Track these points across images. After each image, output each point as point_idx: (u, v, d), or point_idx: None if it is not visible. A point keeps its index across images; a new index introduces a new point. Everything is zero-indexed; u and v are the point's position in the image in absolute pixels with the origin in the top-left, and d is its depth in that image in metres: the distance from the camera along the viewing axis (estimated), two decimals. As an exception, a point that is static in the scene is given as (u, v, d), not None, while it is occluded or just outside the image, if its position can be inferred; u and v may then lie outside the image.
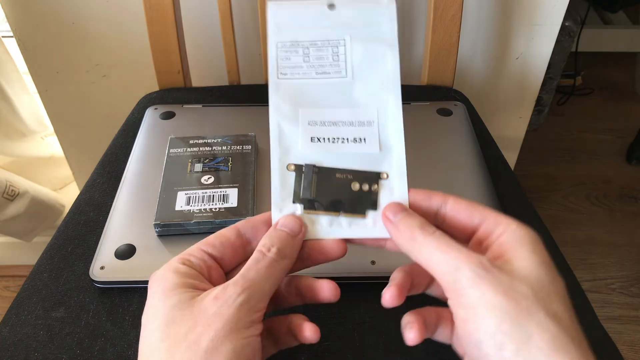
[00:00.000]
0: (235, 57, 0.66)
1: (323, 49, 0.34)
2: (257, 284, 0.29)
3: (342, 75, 0.34)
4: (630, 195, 1.27)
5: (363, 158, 0.33)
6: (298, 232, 0.31)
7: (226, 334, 0.27)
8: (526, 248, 0.28)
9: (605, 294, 1.06)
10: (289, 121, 0.33)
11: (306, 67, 0.34)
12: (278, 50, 0.34)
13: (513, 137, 0.91)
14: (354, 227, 0.32)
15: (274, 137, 0.33)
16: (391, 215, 0.31)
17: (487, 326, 0.25)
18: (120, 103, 0.75)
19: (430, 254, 0.28)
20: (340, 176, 0.33)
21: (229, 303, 0.28)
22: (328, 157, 0.33)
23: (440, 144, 0.54)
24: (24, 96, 0.89)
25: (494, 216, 0.30)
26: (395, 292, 0.30)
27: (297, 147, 0.33)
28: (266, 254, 0.30)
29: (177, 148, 0.51)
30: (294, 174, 0.33)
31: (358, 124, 0.33)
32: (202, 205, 0.45)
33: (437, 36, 0.63)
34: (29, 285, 0.43)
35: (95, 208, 0.50)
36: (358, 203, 0.32)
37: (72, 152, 0.92)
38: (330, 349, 0.38)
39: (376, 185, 0.33)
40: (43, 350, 0.38)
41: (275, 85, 0.34)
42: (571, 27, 1.18)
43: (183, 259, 0.30)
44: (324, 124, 0.33)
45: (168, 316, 0.28)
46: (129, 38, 0.76)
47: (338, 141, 0.33)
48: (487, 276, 0.26)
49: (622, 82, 1.62)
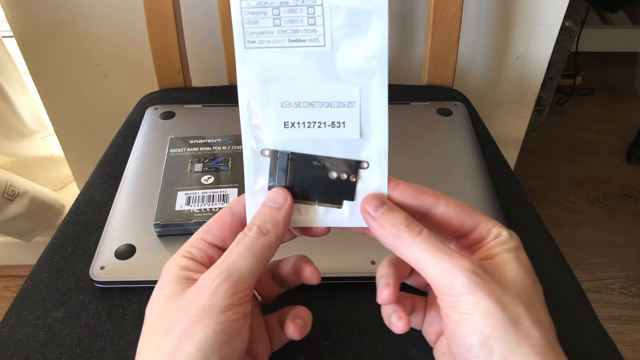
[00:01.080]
0: (235, 57, 0.66)
1: (296, 10, 0.29)
2: (234, 266, 0.28)
3: (320, 43, 0.29)
4: (630, 195, 1.27)
5: (341, 145, 0.30)
6: (283, 203, 0.30)
7: (198, 320, 0.27)
8: (512, 254, 0.29)
9: (605, 294, 1.06)
10: (260, 100, 0.30)
11: (277, 33, 0.29)
12: (242, 12, 0.29)
13: (513, 137, 0.91)
14: (329, 216, 0.31)
15: (244, 118, 0.30)
16: (372, 210, 0.30)
17: (480, 332, 0.26)
18: (120, 103, 0.75)
19: (420, 255, 0.28)
20: (317, 164, 0.31)
21: (204, 289, 0.28)
22: (303, 144, 0.31)
23: (440, 144, 0.54)
24: (24, 96, 0.89)
25: (485, 222, 0.30)
26: (392, 291, 0.31)
27: (270, 131, 0.30)
28: (247, 234, 0.30)
29: (177, 148, 0.51)
30: (268, 159, 0.31)
31: (337, 104, 0.30)
32: (202, 205, 0.45)
33: (437, 36, 0.63)
34: (29, 285, 0.43)
35: (95, 208, 0.50)
36: (335, 192, 0.31)
37: (72, 152, 0.92)
38: (330, 349, 0.38)
39: (355, 175, 0.31)
40: (43, 350, 0.38)
41: (242, 56, 0.30)
42: (571, 27, 1.18)
43: (185, 251, 0.31)
44: (298, 105, 0.30)
45: (159, 306, 0.29)
46: (129, 38, 0.76)
47: (314, 125, 0.30)
48: (482, 284, 0.26)
49: (622, 82, 1.62)
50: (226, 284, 0.28)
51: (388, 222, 0.29)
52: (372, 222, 0.30)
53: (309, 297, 0.37)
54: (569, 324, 0.40)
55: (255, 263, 0.29)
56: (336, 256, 0.42)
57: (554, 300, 0.42)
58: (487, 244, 0.30)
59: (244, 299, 0.28)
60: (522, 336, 0.26)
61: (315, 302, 0.40)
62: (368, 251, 0.42)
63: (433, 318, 0.34)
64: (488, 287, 0.26)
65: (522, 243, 0.29)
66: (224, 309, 0.27)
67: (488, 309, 0.26)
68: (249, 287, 0.29)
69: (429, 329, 0.34)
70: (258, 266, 0.29)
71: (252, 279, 0.29)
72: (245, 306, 0.28)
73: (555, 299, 0.42)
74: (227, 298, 0.27)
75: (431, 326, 0.34)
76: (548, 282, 0.44)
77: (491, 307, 0.26)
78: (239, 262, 0.28)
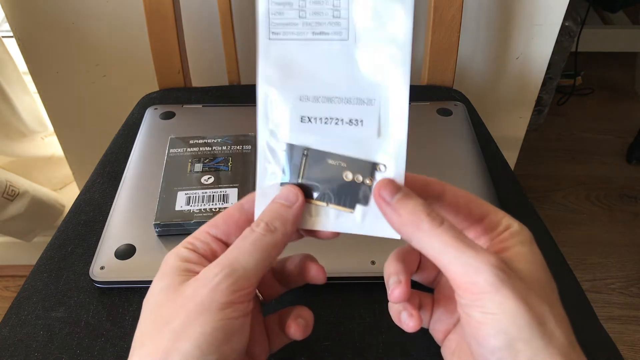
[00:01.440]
0: (235, 57, 0.66)
1: (321, 2, 0.29)
2: (238, 262, 0.27)
3: (343, 37, 0.29)
4: (630, 195, 1.27)
5: (358, 143, 0.29)
6: (294, 201, 0.29)
7: (197, 316, 0.26)
8: (527, 248, 0.28)
9: (605, 294, 1.06)
10: (279, 92, 0.30)
11: (301, 25, 0.29)
12: (270, 2, 0.29)
13: (513, 137, 0.91)
14: (340, 220, 0.30)
15: (262, 111, 0.30)
16: (387, 196, 0.28)
17: (505, 334, 0.25)
18: (120, 103, 0.75)
19: (443, 249, 0.26)
20: (333, 162, 0.30)
21: (205, 283, 0.27)
22: (319, 140, 0.30)
23: (440, 144, 0.54)
24: (24, 96, 0.89)
25: (494, 212, 0.29)
26: (404, 288, 0.29)
27: (286, 125, 0.30)
28: (254, 230, 0.28)
29: (177, 148, 0.51)
30: (283, 154, 0.30)
31: (356, 101, 0.29)
32: (202, 205, 0.45)
33: (437, 36, 0.63)
34: (29, 285, 0.43)
35: (95, 208, 0.50)
36: (348, 195, 0.29)
37: (72, 152, 0.92)
38: (330, 349, 0.38)
39: (371, 178, 0.29)
40: (43, 351, 0.38)
41: (266, 48, 0.29)
42: (571, 27, 1.18)
43: (188, 242, 0.30)
44: (317, 99, 0.29)
45: (156, 300, 0.28)
46: (129, 38, 0.76)
47: (332, 122, 0.29)
48: (508, 281, 0.25)
49: (622, 82, 1.62)
50: (228, 280, 0.27)
51: (406, 209, 0.27)
52: (387, 209, 0.28)
53: (309, 297, 0.37)
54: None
55: (261, 260, 0.28)
56: (336, 256, 0.42)
57: (554, 300, 0.42)
58: (499, 236, 0.28)
59: (246, 297, 0.27)
60: (548, 338, 0.25)
61: (316, 302, 0.40)
62: (368, 251, 0.42)
63: (441, 315, 0.33)
64: (513, 285, 0.25)
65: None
66: (224, 306, 0.26)
67: (514, 309, 0.24)
68: (252, 285, 0.27)
69: (437, 327, 0.33)
70: (263, 264, 0.28)
71: (256, 277, 0.28)
72: (246, 304, 0.27)
73: (555, 299, 0.42)
74: (228, 295, 0.26)
75: (439, 324, 0.33)
76: (548, 282, 0.44)
77: (517, 306, 0.24)
78: (243, 259, 0.27)
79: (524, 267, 0.27)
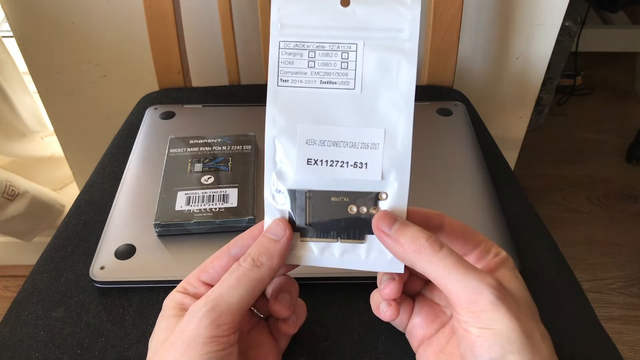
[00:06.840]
0: (235, 57, 0.66)
1: (331, 54, 0.31)
2: (222, 297, 0.28)
3: (350, 86, 0.30)
4: (630, 195, 1.27)
5: (362, 185, 0.31)
6: (282, 235, 0.30)
7: (184, 351, 0.27)
8: (512, 272, 0.31)
9: (605, 294, 1.06)
10: (286, 137, 0.31)
11: (310, 74, 0.31)
12: (280, 52, 0.31)
13: (513, 137, 0.91)
14: (345, 257, 0.31)
15: (269, 155, 0.31)
16: (385, 228, 0.29)
17: (500, 347, 0.27)
18: (120, 103, 0.75)
19: (445, 272, 0.28)
20: (336, 199, 0.31)
21: (189, 320, 0.28)
22: (324, 182, 0.31)
23: (440, 144, 0.54)
24: (24, 96, 0.89)
25: (485, 241, 0.32)
26: (397, 286, 0.31)
27: (292, 169, 0.31)
28: (241, 264, 0.30)
29: (177, 148, 0.51)
30: (288, 199, 0.31)
31: (361, 145, 0.30)
32: (202, 205, 0.45)
33: (437, 36, 0.63)
34: (29, 285, 0.43)
35: (95, 208, 0.50)
36: (356, 228, 0.31)
37: (72, 152, 0.92)
38: (330, 349, 0.38)
39: (375, 207, 0.31)
40: (43, 351, 0.38)
41: (274, 94, 0.31)
42: (571, 27, 1.18)
43: (181, 286, 0.32)
44: (323, 143, 0.31)
45: (158, 339, 0.30)
46: (129, 38, 0.76)
47: (337, 165, 0.31)
48: (505, 299, 0.27)
49: (622, 82, 1.62)
50: (211, 315, 0.28)
51: (405, 237, 0.29)
52: (387, 240, 0.29)
53: (309, 298, 0.38)
54: (569, 324, 0.40)
55: (245, 295, 0.29)
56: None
57: (554, 300, 0.42)
58: (488, 261, 0.31)
59: (229, 330, 0.28)
60: (535, 350, 0.27)
61: (315, 303, 0.40)
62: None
63: (420, 322, 0.34)
64: (508, 304, 0.27)
65: (522, 243, 0.31)
66: (208, 340, 0.27)
67: (509, 325, 0.27)
68: (235, 319, 0.29)
69: (414, 333, 0.34)
70: (247, 298, 0.29)
71: (239, 311, 0.29)
72: (230, 337, 0.28)
73: (555, 299, 0.42)
74: (211, 330, 0.28)
75: (417, 330, 0.34)
76: (548, 282, 0.44)
77: (512, 323, 0.27)
78: (227, 293, 0.29)
79: (513, 287, 0.29)
